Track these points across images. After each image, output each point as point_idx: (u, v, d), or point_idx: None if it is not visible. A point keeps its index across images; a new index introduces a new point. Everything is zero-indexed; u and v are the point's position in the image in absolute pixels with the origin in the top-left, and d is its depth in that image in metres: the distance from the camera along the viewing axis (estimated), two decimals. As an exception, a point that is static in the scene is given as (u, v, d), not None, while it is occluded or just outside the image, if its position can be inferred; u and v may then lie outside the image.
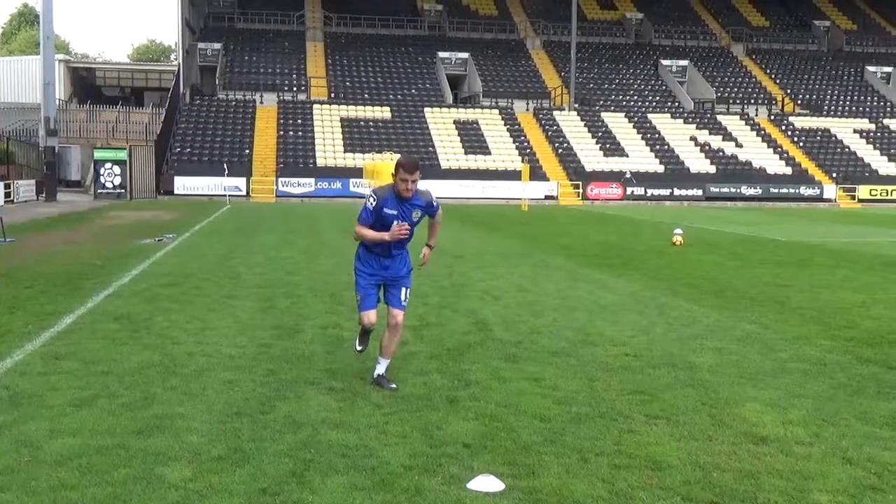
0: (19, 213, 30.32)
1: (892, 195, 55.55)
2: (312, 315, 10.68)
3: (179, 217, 30.49)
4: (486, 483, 5.03)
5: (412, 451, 5.61)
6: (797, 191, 54.67)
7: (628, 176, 53.30)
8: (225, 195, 45.60)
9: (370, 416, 6.41)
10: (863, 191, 55.41)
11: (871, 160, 58.76)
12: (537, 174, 51.08)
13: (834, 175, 56.86)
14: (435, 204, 7.21)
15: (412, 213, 7.05)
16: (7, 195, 38.60)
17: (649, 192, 52.99)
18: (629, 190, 52.93)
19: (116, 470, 5.16)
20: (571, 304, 11.88)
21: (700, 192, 53.61)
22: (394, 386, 7.11)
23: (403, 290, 7.28)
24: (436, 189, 44.68)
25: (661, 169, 55.18)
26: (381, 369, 7.25)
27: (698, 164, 55.75)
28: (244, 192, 48.19)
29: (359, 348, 7.73)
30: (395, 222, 6.92)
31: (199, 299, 11.81)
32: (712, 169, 55.56)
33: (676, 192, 53.61)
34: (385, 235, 6.94)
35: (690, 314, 11.24)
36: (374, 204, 6.97)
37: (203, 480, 5.02)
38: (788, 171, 56.55)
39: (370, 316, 7.24)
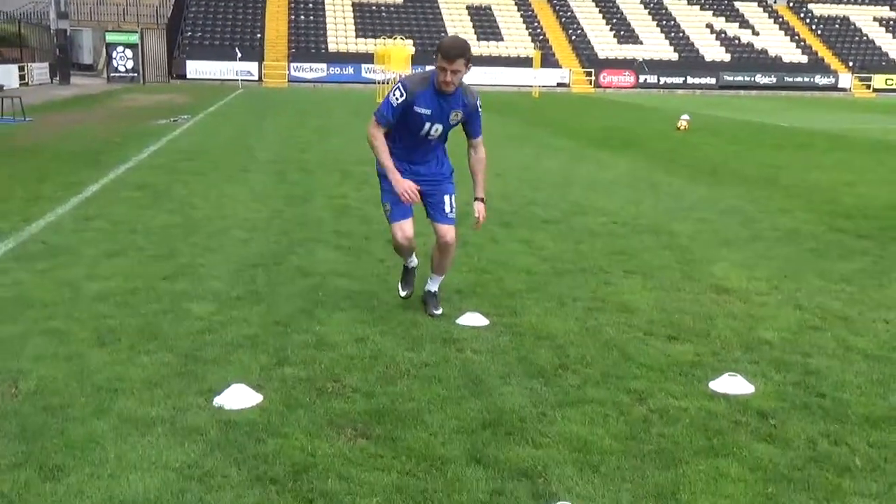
0: (35, 95, 30.72)
1: (908, 85, 55.15)
2: (322, 187, 11.31)
3: (192, 100, 30.87)
4: (472, 319, 5.72)
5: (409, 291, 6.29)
6: (812, 80, 54.32)
7: (641, 61, 52.92)
8: (237, 80, 45.75)
9: (373, 267, 7.09)
10: (878, 80, 55.00)
11: (889, 49, 58.05)
12: (550, 61, 50.87)
13: (850, 64, 56.30)
14: (479, 106, 5.65)
15: (451, 115, 5.49)
16: (21, 77, 38.92)
17: (662, 80, 52.81)
18: (641, 78, 52.72)
19: (148, 305, 5.87)
20: (569, 181, 12.45)
21: (713, 81, 53.37)
22: (438, 311, 5.85)
23: (447, 197, 5.76)
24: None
25: (674, 57, 54.77)
26: (433, 286, 5.99)
27: (713, 52, 55.26)
28: (256, 77, 48.30)
29: (402, 294, 6.14)
30: (429, 125, 5.46)
31: (214, 172, 12.43)
32: (727, 57, 55.12)
33: (690, 80, 53.39)
34: (396, 178, 5.42)
35: (680, 190, 11.81)
36: (400, 99, 5.34)
37: (224, 314, 5.72)
38: (804, 59, 56.05)
39: (404, 228, 5.67)
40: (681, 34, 56.12)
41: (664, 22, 57.03)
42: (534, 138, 19.10)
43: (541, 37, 53.77)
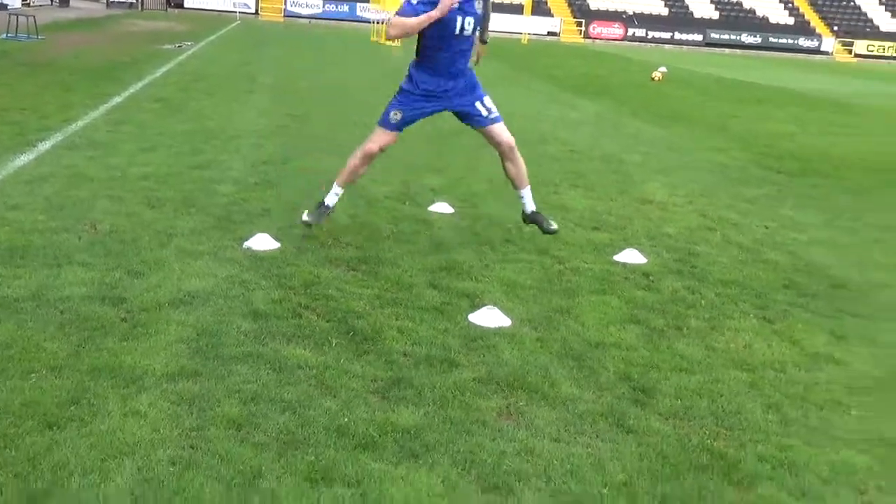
0: (40, 16, 31.64)
1: (888, 52, 56.46)
2: (319, 108, 12.75)
3: (192, 29, 31.93)
4: (441, 207, 7.25)
5: (393, 190, 7.81)
6: (796, 42, 55.57)
7: (631, 14, 53.97)
8: (234, 11, 46.58)
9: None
10: (860, 45, 56.30)
11: (874, 15, 59.23)
12: (542, 9, 51.81)
13: (835, 28, 57.49)
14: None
15: (475, 3, 5.68)
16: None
17: (650, 34, 53.93)
18: (630, 31, 53.81)
19: (184, 184, 7.37)
20: (541, 118, 13.92)
21: (700, 38, 54.52)
22: (555, 227, 6.27)
23: (479, 104, 5.89)
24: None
25: (664, 11, 55.80)
26: (528, 203, 6.32)
27: (702, 8, 56.31)
28: (253, 10, 49.12)
29: (307, 218, 6.07)
30: (461, 19, 5.57)
31: (222, 92, 13.81)
32: (715, 14, 56.19)
33: (677, 35, 54.51)
34: (433, 13, 5.43)
35: (639, 130, 13.32)
36: None
37: (244, 194, 7.22)
38: (791, 21, 57.18)
39: (389, 139, 5.99)
40: (672, -11, 57.16)
41: (657, -23, 57.99)
42: (515, 81, 20.48)
43: (535, -15, 54.67)
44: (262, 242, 5.81)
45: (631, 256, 6.22)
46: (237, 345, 4.21)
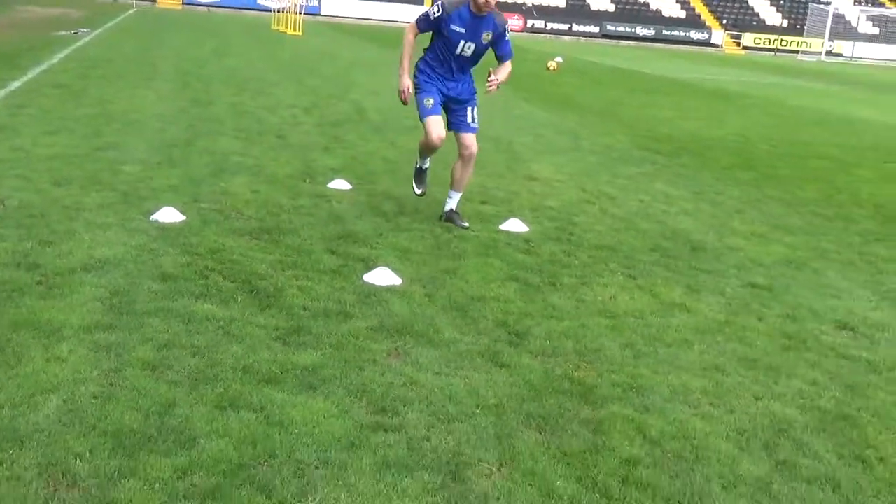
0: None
1: (773, 44, 59.00)
2: (222, 95, 12.98)
3: (88, 15, 31.38)
4: (339, 184, 7.68)
5: (294, 169, 8.20)
6: (688, 34, 57.56)
7: (530, 5, 55.02)
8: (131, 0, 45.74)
9: (266, 152, 8.95)
10: (748, 38, 58.66)
11: (760, 9, 61.74)
12: (442, 0, 52.35)
13: (724, 21, 59.72)
14: (508, 36, 6.42)
15: (482, 35, 6.18)
16: None
17: (549, 25, 55.11)
18: (530, 23, 54.85)
19: (89, 164, 7.61)
20: (438, 103, 14.41)
21: (597, 30, 55.97)
22: (466, 224, 6.64)
23: (469, 109, 6.53)
24: (339, 7, 45.41)
25: (562, 3, 57.04)
26: (452, 204, 6.74)
27: (598, 1, 57.75)
28: (150, -2, 48.24)
29: (418, 192, 6.93)
30: (462, 42, 6.17)
31: (122, 79, 13.89)
32: (611, 7, 57.72)
33: (575, 27, 55.84)
34: (403, 78, 6.32)
35: (530, 114, 13.98)
36: (437, 14, 6.14)
37: (149, 172, 7.51)
38: (683, 14, 59.13)
39: (437, 125, 6.37)
40: (569, -18, 58.45)
41: (554, -31, 59.21)
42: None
43: (435, -24, 55.21)
44: (169, 215, 6.16)
45: (514, 225, 6.78)
46: (148, 301, 4.59)
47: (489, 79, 6.25)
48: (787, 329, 5.08)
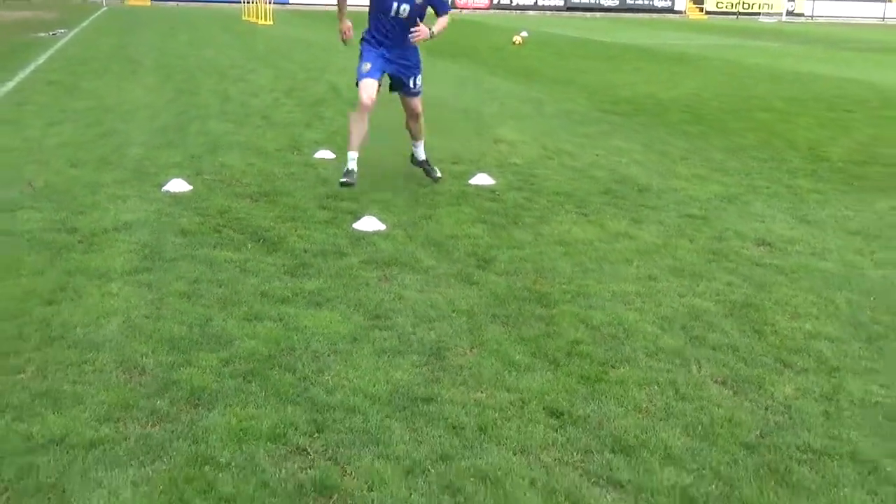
0: None
1: (735, 7, 59.94)
2: (204, 84, 13.78)
3: (61, 17, 31.84)
4: (324, 154, 8.56)
5: (281, 143, 9.06)
6: (651, 2, 58.38)
7: (494, -16, 55.63)
8: (100, -2, 46.05)
9: (254, 130, 9.79)
10: (710, 3, 59.55)
11: (721, -26, 62.41)
12: (408, -18, 52.89)
13: (686, -12, 60.45)
14: None
15: None
16: None
17: (515, 1, 55.75)
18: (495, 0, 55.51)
19: (97, 149, 8.44)
20: (409, 80, 15.26)
21: (562, 3, 56.68)
22: (439, 175, 7.48)
23: (411, 78, 7.08)
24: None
25: (526, -21, 57.56)
26: (420, 153, 7.55)
27: (561, -25, 58.35)
28: (119, -5, 48.54)
29: (342, 180, 6.78)
30: (396, 4, 6.66)
31: (108, 75, 14.65)
32: (575, -20, 58.29)
33: (540, 2, 56.49)
34: (342, 24, 7.01)
35: (496, 85, 14.85)
36: None
37: (152, 153, 8.35)
38: (645, -17, 59.79)
39: (371, 88, 6.79)
40: (533, -42, 59.03)
41: (517, -55, 59.74)
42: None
43: (400, -42, 55.70)
44: (178, 186, 7.02)
45: (482, 179, 7.68)
46: (174, 251, 5.47)
47: (412, 29, 6.71)
48: (713, 247, 6.02)
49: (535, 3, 56.28)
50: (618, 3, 57.47)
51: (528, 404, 3.68)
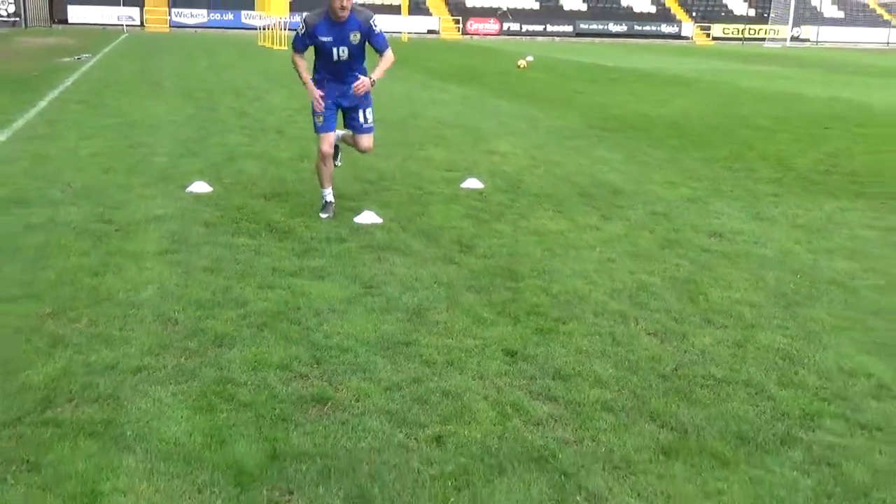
0: (-71, 37, 32.37)
1: (742, 33, 60.96)
2: (223, 102, 14.75)
3: (83, 43, 33.12)
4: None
5: (293, 154, 9.95)
6: (658, 28, 59.50)
7: (504, 10, 56.88)
8: (120, 24, 47.48)
9: (269, 143, 10.71)
10: (717, 29, 60.63)
11: (727, 0, 63.60)
12: (420, 9, 54.22)
13: (693, 14, 61.61)
14: (377, 29, 6.75)
15: (350, 36, 6.68)
16: None
17: (524, 27, 56.99)
18: (506, 26, 56.72)
19: (126, 158, 9.36)
20: (412, 100, 16.22)
21: (571, 29, 57.87)
22: (338, 163, 7.68)
23: (362, 112, 7.12)
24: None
25: (536, 6, 58.89)
26: (342, 134, 7.44)
27: (571, 1, 59.59)
28: (138, 22, 50.00)
29: (324, 216, 7.08)
30: (335, 50, 6.72)
31: (133, 94, 15.65)
32: (584, 7, 59.56)
33: (549, 28, 57.71)
34: (310, 89, 6.91)
35: (497, 106, 15.77)
36: (302, 31, 6.72)
37: (176, 161, 9.27)
38: (653, 9, 61.00)
39: (329, 139, 7.09)
40: (542, -15, 60.33)
41: (527, -27, 61.11)
42: (392, 73, 22.70)
43: (412, -14, 57.08)
44: (200, 187, 7.92)
45: (472, 183, 8.54)
46: (199, 238, 6.35)
47: (354, 84, 6.79)
48: (669, 237, 6.86)
49: (545, 29, 57.43)
50: (626, 29, 58.56)
51: (488, 347, 4.51)
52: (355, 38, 6.72)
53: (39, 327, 4.56)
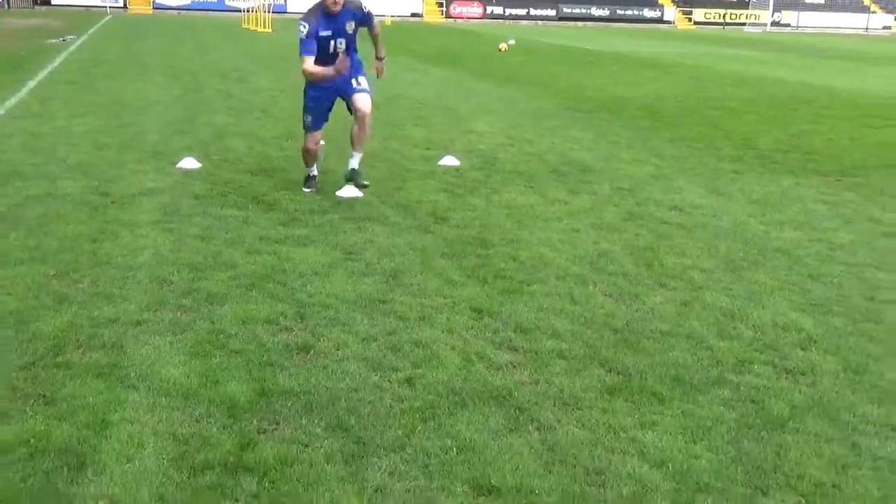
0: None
1: (723, 18, 61.43)
2: (209, 84, 15.10)
3: (68, 25, 33.22)
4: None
5: (278, 133, 10.35)
6: (641, 12, 59.84)
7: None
8: (104, 6, 47.49)
9: (254, 122, 11.10)
10: (698, 13, 61.05)
11: (709, -15, 63.93)
12: (404, -9, 54.30)
13: (675, -2, 61.93)
14: (367, 10, 7.12)
15: (346, 27, 6.95)
16: None
17: (507, 11, 57.22)
18: (489, 9, 56.97)
19: (118, 135, 9.74)
20: (395, 82, 16.56)
21: (553, 13, 58.15)
22: (366, 183, 7.44)
23: (354, 79, 7.18)
24: (305, 5, 46.85)
25: (519, -11, 59.01)
26: (354, 163, 7.45)
27: (553, -15, 59.80)
28: (121, 4, 49.99)
29: (308, 190, 7.44)
30: (333, 42, 6.91)
31: (121, 76, 15.96)
32: (566, -10, 59.75)
33: (532, 11, 57.96)
34: (330, 70, 6.83)
35: (475, 87, 16.18)
36: (306, 32, 6.78)
37: (167, 140, 9.64)
38: (635, -7, 61.25)
39: (316, 137, 7.34)
40: (525, -32, 60.50)
41: (510, -44, 61.25)
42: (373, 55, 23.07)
43: (396, -32, 57.16)
44: (189, 163, 8.31)
45: (449, 161, 8.97)
46: (190, 209, 6.76)
47: (378, 67, 7.41)
48: (632, 210, 7.31)
49: (528, 12, 57.71)
50: (608, 13, 58.91)
51: (458, 305, 4.96)
52: (350, 27, 7.02)
53: (46, 286, 4.98)
